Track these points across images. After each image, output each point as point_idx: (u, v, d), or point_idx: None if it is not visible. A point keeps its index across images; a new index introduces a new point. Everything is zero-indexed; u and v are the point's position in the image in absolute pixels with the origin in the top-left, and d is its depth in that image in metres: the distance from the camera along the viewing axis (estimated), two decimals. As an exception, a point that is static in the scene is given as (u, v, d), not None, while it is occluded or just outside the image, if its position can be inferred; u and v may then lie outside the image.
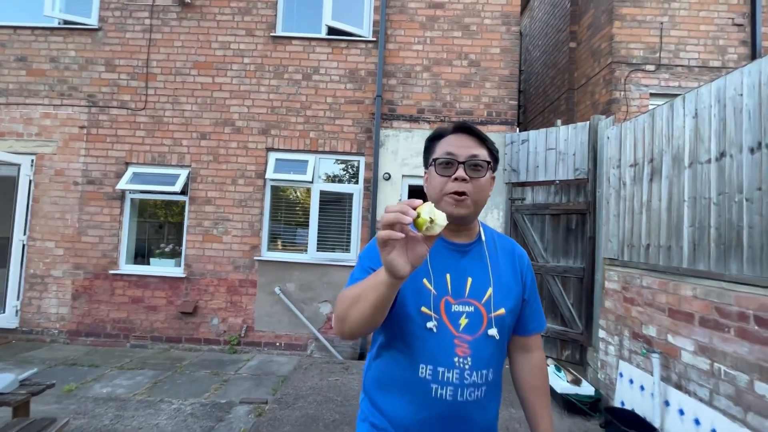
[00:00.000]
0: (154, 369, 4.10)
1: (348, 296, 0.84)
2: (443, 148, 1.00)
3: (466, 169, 0.96)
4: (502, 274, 1.04)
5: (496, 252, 1.07)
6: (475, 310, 0.98)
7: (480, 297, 0.99)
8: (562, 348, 4.20)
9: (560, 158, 4.33)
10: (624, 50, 4.93)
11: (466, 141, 1.00)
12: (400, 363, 0.97)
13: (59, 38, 5.06)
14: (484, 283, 1.00)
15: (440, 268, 0.99)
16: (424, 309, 0.95)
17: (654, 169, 3.02)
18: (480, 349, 0.96)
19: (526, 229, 4.56)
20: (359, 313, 0.80)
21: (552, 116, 6.58)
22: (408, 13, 5.01)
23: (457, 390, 0.92)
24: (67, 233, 4.91)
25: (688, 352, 2.53)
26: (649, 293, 2.95)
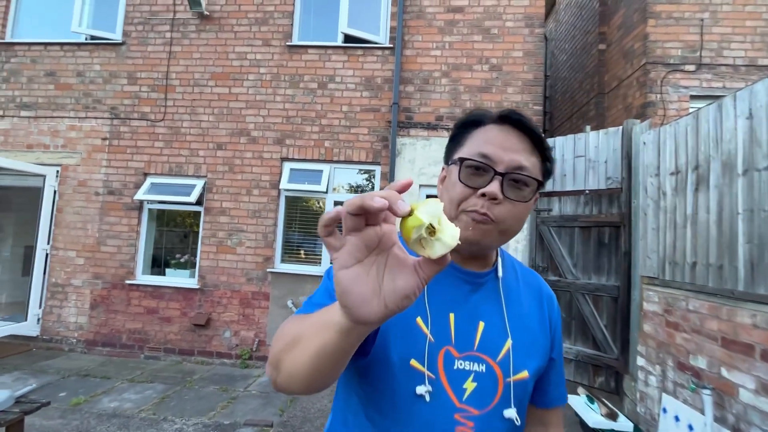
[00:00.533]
0: (164, 383, 4.01)
1: (287, 332, 0.56)
2: (478, 146, 0.69)
3: (503, 185, 0.66)
4: (525, 319, 0.75)
5: (518, 288, 0.78)
6: (487, 370, 0.68)
7: (495, 352, 0.70)
8: (595, 374, 3.82)
9: (590, 166, 4.01)
10: (660, 50, 4.57)
11: (514, 141, 0.69)
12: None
13: (86, 53, 5.21)
14: (501, 331, 0.71)
15: (441, 303, 0.70)
16: (414, 363, 0.65)
17: (700, 177, 2.68)
18: (486, 427, 0.67)
19: (553, 243, 4.23)
20: (295, 364, 0.51)
21: (580, 122, 6.22)
22: (426, 18, 4.86)
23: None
24: (88, 243, 4.97)
25: (747, 391, 2.17)
26: (696, 318, 2.59)
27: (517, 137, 0.69)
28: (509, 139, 0.69)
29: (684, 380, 2.63)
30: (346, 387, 0.72)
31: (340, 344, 0.45)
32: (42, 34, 5.35)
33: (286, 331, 0.57)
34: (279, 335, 0.57)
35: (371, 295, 0.40)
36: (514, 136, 0.69)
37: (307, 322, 0.53)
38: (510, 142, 0.68)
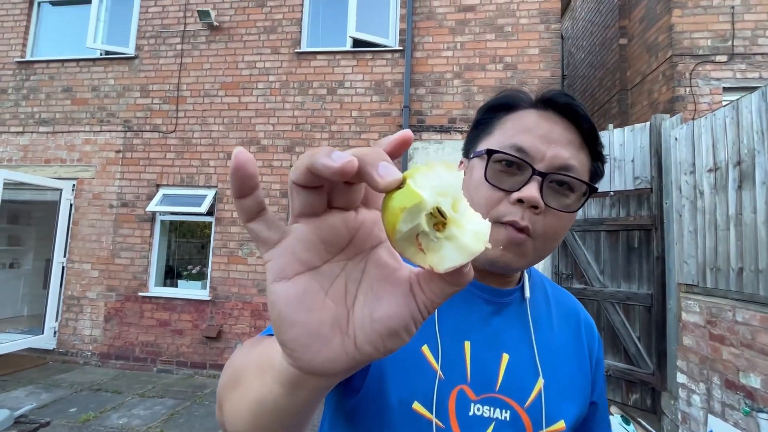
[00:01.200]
0: (174, 398, 3.93)
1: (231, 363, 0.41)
2: (512, 136, 0.54)
3: (543, 188, 0.51)
4: (560, 353, 0.59)
5: (549, 313, 0.62)
6: (512, 417, 0.52)
7: (523, 394, 0.54)
8: (628, 391, 3.52)
9: (615, 165, 3.75)
10: (687, 41, 4.29)
11: (559, 132, 0.53)
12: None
13: (100, 68, 5.29)
14: (530, 367, 0.55)
15: (454, 328, 0.55)
16: (418, 407, 0.50)
17: (743, 174, 2.42)
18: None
19: (578, 248, 3.97)
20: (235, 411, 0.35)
21: (602, 121, 5.93)
22: (436, 18, 4.73)
23: None
24: (102, 255, 4.99)
25: (814, 416, 1.89)
26: (746, 331, 2.31)
27: (564, 127, 0.54)
28: (554, 130, 0.53)
29: (734, 401, 2.35)
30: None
31: (285, 400, 0.28)
32: (59, 51, 5.48)
33: (231, 362, 0.41)
34: (226, 366, 0.42)
35: (330, 328, 0.24)
36: (560, 125, 0.54)
37: (250, 355, 0.38)
38: (555, 134, 0.53)
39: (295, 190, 0.23)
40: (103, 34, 5.35)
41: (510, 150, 0.52)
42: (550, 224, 0.52)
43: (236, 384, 0.36)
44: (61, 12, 5.67)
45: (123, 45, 5.28)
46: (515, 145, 0.53)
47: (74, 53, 5.37)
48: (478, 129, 0.61)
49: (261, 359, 0.34)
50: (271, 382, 0.29)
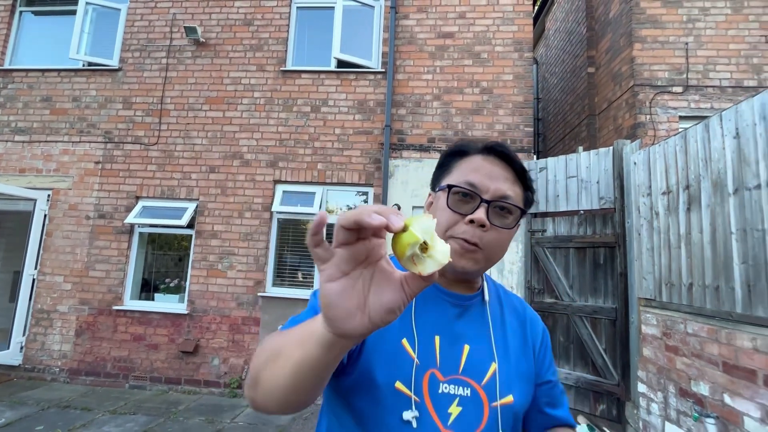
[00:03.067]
0: (147, 414, 3.84)
1: (267, 347, 0.53)
2: (465, 174, 0.71)
3: (489, 212, 0.68)
4: (509, 343, 0.75)
5: (502, 314, 0.78)
6: (472, 394, 0.67)
7: (480, 375, 0.69)
8: (596, 402, 3.67)
9: (582, 186, 4.00)
10: (647, 72, 4.65)
11: (498, 171, 0.71)
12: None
13: (82, 79, 5.28)
14: (486, 355, 0.71)
15: (427, 325, 0.69)
16: (399, 386, 0.64)
17: (691, 197, 2.66)
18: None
19: (549, 264, 4.17)
20: (275, 378, 0.48)
21: (573, 143, 6.27)
22: (417, 43, 4.97)
23: None
24: (76, 268, 4.88)
25: (752, 419, 2.07)
26: (696, 342, 2.50)
27: (502, 167, 0.72)
28: (494, 169, 0.72)
29: (687, 408, 2.52)
30: (330, 415, 0.70)
31: (322, 358, 0.44)
32: (40, 60, 5.44)
33: (266, 346, 0.54)
34: (259, 351, 0.55)
35: (356, 309, 0.40)
36: (499, 166, 0.72)
37: (288, 336, 0.52)
38: (495, 172, 0.71)
39: (341, 230, 0.38)
40: (87, 46, 5.35)
41: (464, 185, 0.70)
42: (495, 238, 0.69)
43: (277, 356, 0.50)
44: (43, 22, 5.65)
45: (107, 57, 5.29)
46: (468, 181, 0.70)
47: (55, 63, 5.34)
48: (440, 170, 0.79)
49: (301, 335, 0.48)
50: (312, 347, 0.44)
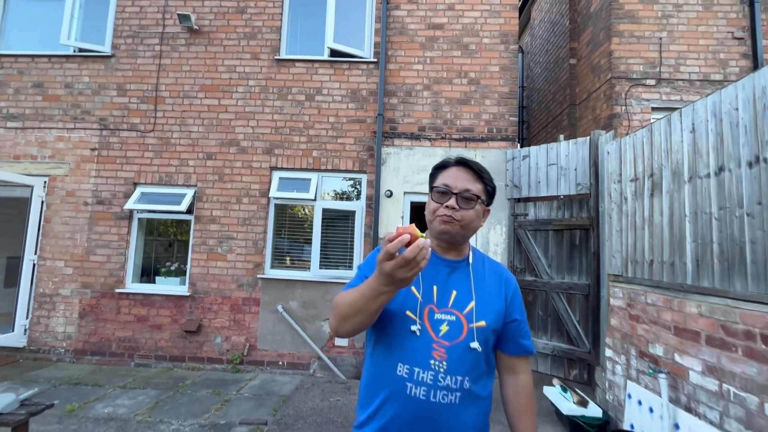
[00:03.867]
0: (156, 388, 4.09)
1: (348, 302, 0.95)
2: (443, 179, 1.11)
3: (458, 200, 1.06)
4: (486, 290, 1.11)
5: (483, 272, 1.15)
6: (456, 319, 1.05)
7: (462, 308, 1.06)
8: (569, 367, 4.09)
9: (562, 173, 4.32)
10: (623, 65, 4.95)
11: (463, 174, 1.10)
12: (383, 362, 1.05)
13: (74, 65, 5.28)
14: (467, 296, 1.08)
15: (429, 279, 1.08)
16: (408, 312, 1.04)
17: (654, 184, 2.99)
18: (456, 355, 1.01)
19: (530, 245, 4.51)
20: (361, 319, 0.93)
21: (555, 131, 6.59)
22: (408, 34, 5.14)
23: (430, 391, 0.98)
24: (77, 253, 5.01)
25: (696, 373, 2.45)
26: (654, 311, 2.88)
27: (466, 172, 1.11)
28: (461, 174, 1.10)
29: (644, 367, 2.91)
30: (371, 337, 1.13)
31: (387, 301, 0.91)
32: (29, 46, 5.40)
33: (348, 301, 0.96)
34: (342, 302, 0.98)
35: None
36: (464, 172, 1.11)
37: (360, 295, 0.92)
38: (461, 176, 1.10)
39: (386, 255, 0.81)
40: (78, 32, 5.33)
41: (442, 186, 1.10)
42: (465, 215, 1.08)
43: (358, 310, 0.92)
44: (31, 6, 5.56)
45: (98, 43, 5.29)
46: (444, 183, 1.10)
47: (46, 49, 5.32)
48: (431, 178, 1.17)
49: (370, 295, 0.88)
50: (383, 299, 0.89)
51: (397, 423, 0.99)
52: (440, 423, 0.98)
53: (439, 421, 0.98)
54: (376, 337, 1.09)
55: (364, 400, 1.09)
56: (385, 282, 0.84)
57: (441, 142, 4.98)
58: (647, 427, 2.79)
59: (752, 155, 2.16)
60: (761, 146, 2.10)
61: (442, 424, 0.99)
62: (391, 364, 1.02)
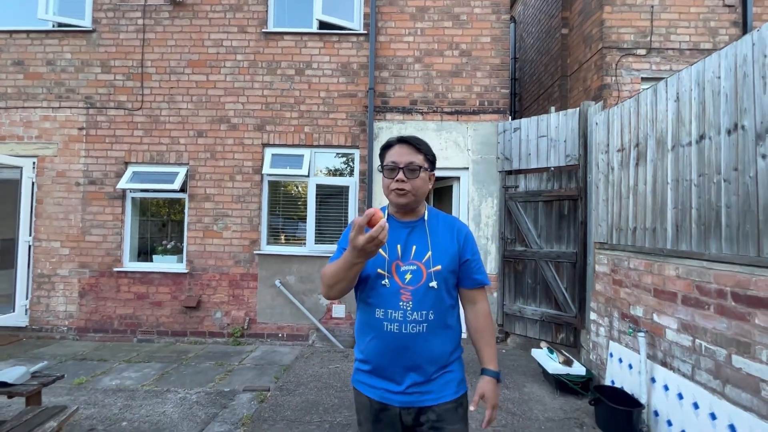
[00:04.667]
0: (161, 362, 4.23)
1: (331, 273, 1.19)
2: (389, 157, 1.31)
3: (405, 173, 1.26)
4: (440, 241, 1.33)
5: (437, 226, 1.37)
6: (417, 268, 1.28)
7: (421, 258, 1.29)
8: (557, 332, 4.29)
9: (552, 145, 4.38)
10: (615, 35, 4.93)
11: (405, 150, 1.29)
12: (366, 311, 1.31)
13: (54, 41, 5.12)
14: (425, 248, 1.31)
15: (393, 240, 1.31)
16: (379, 270, 1.28)
17: (640, 154, 3.07)
18: (420, 295, 1.25)
19: (520, 217, 4.63)
20: (344, 285, 1.20)
21: (546, 103, 6.60)
22: (398, 5, 5.03)
23: (401, 325, 1.23)
24: (72, 233, 5.03)
25: (671, 330, 2.62)
26: (636, 275, 3.02)
27: (407, 148, 1.30)
28: (403, 150, 1.30)
29: (625, 328, 3.09)
30: (356, 294, 1.37)
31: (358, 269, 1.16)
32: (6, 21, 5.20)
33: (332, 271, 1.19)
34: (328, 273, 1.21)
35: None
36: (406, 148, 1.30)
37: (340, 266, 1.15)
38: (404, 151, 1.30)
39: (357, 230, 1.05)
40: (55, 5, 5.14)
41: (389, 163, 1.30)
42: (413, 184, 1.28)
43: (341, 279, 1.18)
44: (3, -22, 5.33)
45: (78, 17, 5.12)
46: (391, 160, 1.30)
47: (23, 24, 5.13)
48: (381, 158, 1.35)
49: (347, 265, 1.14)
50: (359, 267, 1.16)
51: (380, 352, 1.26)
52: (412, 347, 1.24)
53: (411, 347, 1.24)
54: (360, 293, 1.34)
55: (358, 341, 1.36)
56: (357, 255, 1.07)
57: (433, 115, 4.99)
58: (627, 382, 2.99)
59: (731, 123, 2.23)
60: (740, 114, 2.18)
61: (414, 348, 1.24)
62: (372, 311, 1.28)
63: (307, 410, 3.04)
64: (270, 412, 3.01)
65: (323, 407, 3.09)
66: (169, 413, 3.01)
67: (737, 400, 2.09)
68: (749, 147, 2.11)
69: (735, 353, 2.12)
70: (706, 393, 2.29)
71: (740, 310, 2.10)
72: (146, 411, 3.04)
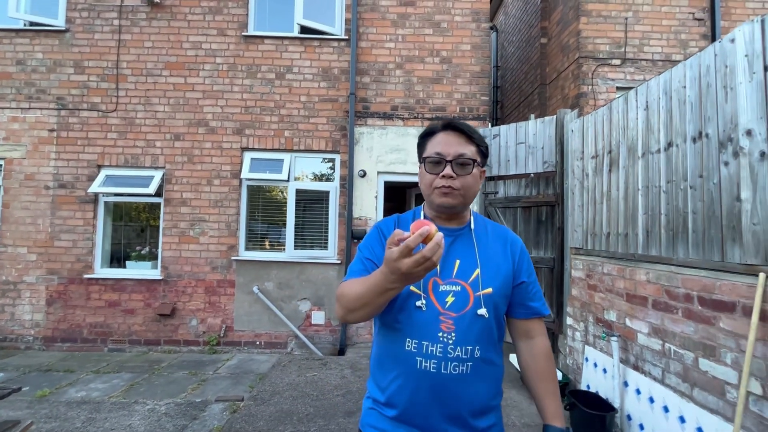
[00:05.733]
0: (131, 372, 4.08)
1: (355, 295, 0.93)
2: (433, 147, 1.04)
3: (453, 167, 1.01)
4: (491, 256, 1.07)
5: (486, 237, 1.11)
6: (461, 289, 1.02)
7: (467, 277, 1.03)
8: (535, 336, 4.30)
9: (530, 152, 4.44)
10: (591, 45, 5.05)
11: (453, 139, 1.04)
12: (391, 338, 1.03)
13: (25, 40, 4.96)
14: (472, 264, 1.04)
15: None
16: (413, 288, 1.01)
17: (612, 160, 3.13)
18: (465, 325, 0.99)
19: (499, 222, 4.66)
20: (369, 311, 0.93)
21: (526, 111, 6.70)
22: (379, 11, 5.06)
23: (440, 363, 0.96)
24: (40, 238, 4.84)
25: (643, 334, 2.65)
26: (609, 280, 3.06)
27: (456, 136, 1.04)
28: (451, 139, 1.04)
29: (600, 332, 3.11)
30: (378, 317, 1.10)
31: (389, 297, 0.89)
32: (-26, 18, 5.03)
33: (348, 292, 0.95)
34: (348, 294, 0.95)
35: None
36: (454, 136, 1.04)
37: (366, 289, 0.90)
38: (452, 140, 1.04)
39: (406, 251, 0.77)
40: (27, 3, 4.99)
41: (434, 155, 1.03)
42: (462, 182, 1.03)
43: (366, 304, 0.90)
44: (-28, -26, 5.15)
45: (51, 16, 4.98)
46: (436, 151, 1.04)
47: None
48: (420, 148, 1.11)
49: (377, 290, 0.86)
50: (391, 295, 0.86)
51: (411, 395, 0.99)
52: (454, 393, 0.97)
53: (452, 392, 0.97)
54: (382, 315, 1.05)
55: (377, 377, 1.07)
56: (396, 279, 0.80)
57: (414, 121, 5.00)
58: (601, 386, 3.01)
59: (696, 131, 2.29)
60: (704, 122, 2.23)
61: (456, 395, 0.97)
62: (400, 340, 1.01)
63: (281, 420, 2.96)
64: (242, 422, 2.92)
65: (297, 417, 3.01)
66: (135, 426, 2.89)
67: (704, 403, 2.12)
68: (713, 154, 2.16)
69: (702, 356, 2.16)
70: (675, 396, 2.32)
71: (706, 313, 2.14)
72: (110, 424, 2.91)
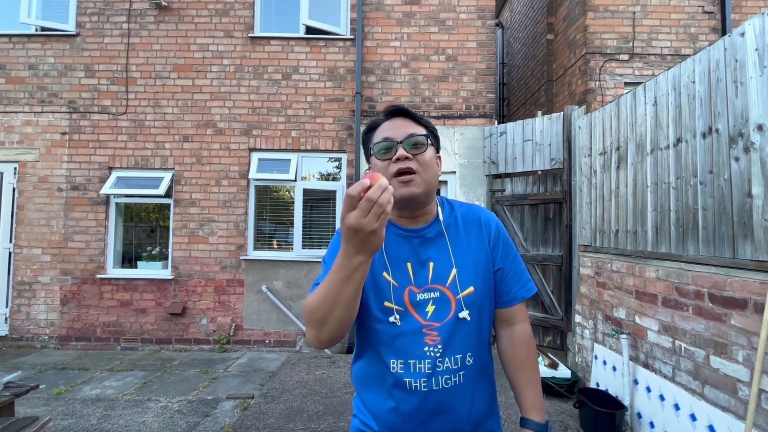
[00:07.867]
0: (144, 370, 4.15)
1: (319, 297, 0.77)
2: (380, 135, 0.94)
3: (405, 148, 0.89)
4: (466, 250, 0.96)
5: (457, 228, 0.99)
6: (440, 295, 0.91)
7: (444, 281, 0.92)
8: (544, 335, 4.30)
9: (537, 149, 4.41)
10: (598, 41, 5.00)
11: (400, 123, 0.94)
12: (373, 361, 0.93)
13: (37, 45, 5.06)
14: (447, 265, 0.93)
15: (399, 257, 0.93)
16: (387, 304, 0.91)
17: (621, 157, 3.11)
18: (450, 333, 0.90)
19: (507, 220, 4.64)
20: (339, 317, 0.76)
21: (533, 108, 6.66)
22: (384, 10, 5.06)
23: (431, 379, 0.88)
24: (54, 239, 4.93)
25: (653, 332, 2.63)
26: (618, 277, 3.04)
27: (403, 120, 0.95)
28: (397, 122, 0.95)
29: (609, 330, 3.10)
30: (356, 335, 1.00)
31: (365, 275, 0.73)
32: (-13, 25, 5.13)
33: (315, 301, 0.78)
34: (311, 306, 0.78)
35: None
36: (401, 120, 0.95)
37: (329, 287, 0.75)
38: (398, 123, 0.94)
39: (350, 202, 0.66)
40: (38, 9, 5.08)
41: (382, 140, 0.92)
42: (421, 162, 0.90)
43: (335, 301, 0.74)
44: (-15, -19, 5.26)
45: (62, 21, 5.06)
46: (384, 137, 0.92)
47: (5, 28, 5.06)
48: (365, 144, 1.01)
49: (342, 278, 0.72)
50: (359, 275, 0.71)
51: (405, 422, 0.90)
52: (450, 408, 0.89)
53: (448, 407, 0.89)
54: (360, 335, 0.96)
55: (365, 397, 0.97)
56: (353, 246, 0.68)
57: (420, 120, 4.99)
58: (611, 384, 3.00)
59: (706, 126, 2.27)
60: (714, 118, 2.21)
61: (453, 408, 0.90)
62: (384, 361, 0.91)
63: (291, 417, 2.99)
64: (253, 420, 2.96)
65: (307, 414, 3.05)
66: (148, 423, 2.94)
67: (716, 401, 2.11)
68: (723, 150, 2.14)
69: (713, 354, 2.14)
70: (686, 394, 2.30)
71: (717, 311, 2.12)
72: (125, 421, 2.97)
